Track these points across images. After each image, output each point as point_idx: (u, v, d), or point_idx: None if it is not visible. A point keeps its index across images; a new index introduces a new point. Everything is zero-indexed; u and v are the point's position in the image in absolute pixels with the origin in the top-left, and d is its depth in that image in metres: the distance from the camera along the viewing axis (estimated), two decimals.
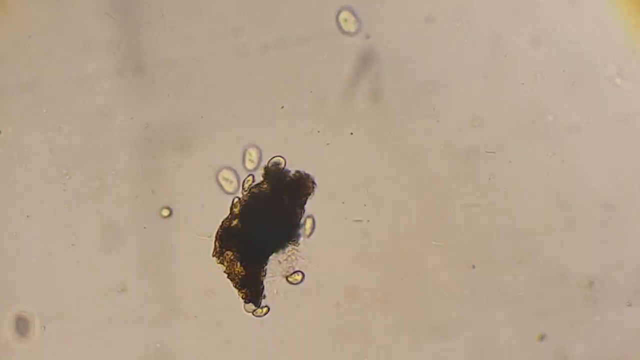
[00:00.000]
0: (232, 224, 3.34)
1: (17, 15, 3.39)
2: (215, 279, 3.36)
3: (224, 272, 3.34)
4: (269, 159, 3.37)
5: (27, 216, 3.37)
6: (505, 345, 3.37)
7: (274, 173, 3.36)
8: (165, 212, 3.36)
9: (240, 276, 3.33)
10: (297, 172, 3.36)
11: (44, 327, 3.36)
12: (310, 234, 3.35)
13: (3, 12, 3.38)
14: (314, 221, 3.36)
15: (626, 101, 3.37)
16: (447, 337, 3.36)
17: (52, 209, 3.37)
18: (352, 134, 3.33)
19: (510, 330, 3.37)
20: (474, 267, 3.37)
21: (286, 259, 3.35)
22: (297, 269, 3.35)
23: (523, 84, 3.39)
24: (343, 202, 3.38)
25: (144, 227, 3.36)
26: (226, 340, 3.38)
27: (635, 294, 3.34)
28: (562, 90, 3.38)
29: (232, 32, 3.39)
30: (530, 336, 3.36)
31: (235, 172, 3.38)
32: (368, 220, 3.35)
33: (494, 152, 3.31)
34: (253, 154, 3.37)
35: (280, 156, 3.37)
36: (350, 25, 3.32)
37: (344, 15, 3.32)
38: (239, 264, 3.32)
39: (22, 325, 3.37)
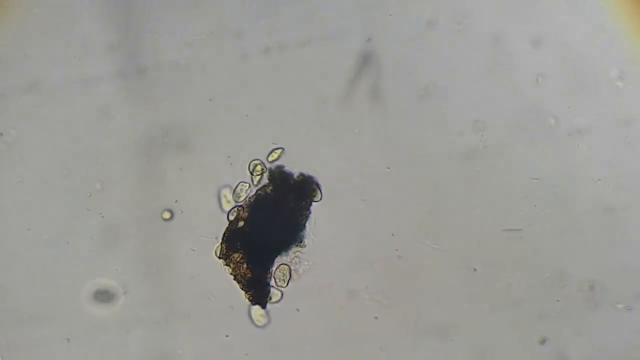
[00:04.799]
0: (239, 227, 3.34)
1: (18, 16, 3.39)
2: (216, 282, 3.37)
3: (230, 274, 3.34)
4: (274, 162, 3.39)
5: (29, 218, 3.37)
6: (506, 348, 3.37)
7: (279, 175, 3.36)
8: (167, 215, 3.37)
9: (246, 278, 3.34)
10: (301, 174, 3.37)
11: (68, 340, 3.37)
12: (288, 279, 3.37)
13: (4, 13, 3.39)
14: (291, 271, 3.37)
15: (627, 104, 3.37)
16: (447, 340, 3.36)
17: (53, 211, 3.37)
18: (389, 168, 3.35)
19: (511, 333, 3.37)
20: (474, 269, 3.37)
21: (290, 262, 3.36)
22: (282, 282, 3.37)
23: (524, 87, 3.39)
24: (344, 205, 3.39)
25: (145, 231, 3.37)
26: (227, 342, 3.38)
27: (636, 297, 3.34)
28: (563, 93, 3.38)
29: (234, 34, 3.39)
30: (531, 339, 3.36)
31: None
32: (435, 246, 3.37)
33: (537, 179, 3.32)
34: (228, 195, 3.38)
35: (281, 147, 3.37)
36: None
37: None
38: (245, 266, 3.33)
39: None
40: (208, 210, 3.37)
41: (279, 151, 3.36)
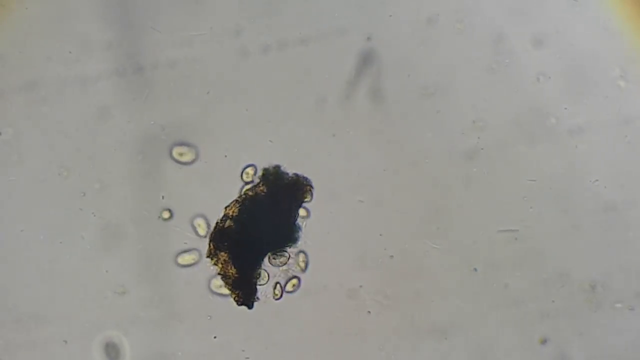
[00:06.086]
0: (227, 226, 3.33)
1: (17, 15, 3.38)
2: (215, 282, 3.36)
3: (218, 273, 3.34)
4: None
5: (27, 217, 3.36)
6: (507, 348, 3.37)
7: (272, 175, 3.35)
8: (166, 215, 3.36)
9: (233, 278, 3.32)
10: (295, 175, 3.35)
11: (66, 342, 3.36)
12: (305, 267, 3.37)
13: (3, 12, 3.38)
14: (306, 256, 3.36)
15: (629, 104, 3.37)
16: (448, 340, 3.36)
17: (52, 211, 3.37)
18: (385, 170, 3.35)
19: (512, 333, 3.37)
20: (475, 269, 3.37)
21: (285, 263, 3.35)
22: (293, 274, 3.36)
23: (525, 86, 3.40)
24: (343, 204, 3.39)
25: (145, 230, 3.36)
26: (226, 342, 3.38)
27: (637, 297, 3.34)
28: (564, 92, 3.38)
29: (233, 32, 3.38)
30: (532, 339, 3.36)
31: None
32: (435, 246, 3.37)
33: (534, 180, 3.32)
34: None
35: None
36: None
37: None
38: (232, 265, 3.32)
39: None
40: (207, 210, 3.37)
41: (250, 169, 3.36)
